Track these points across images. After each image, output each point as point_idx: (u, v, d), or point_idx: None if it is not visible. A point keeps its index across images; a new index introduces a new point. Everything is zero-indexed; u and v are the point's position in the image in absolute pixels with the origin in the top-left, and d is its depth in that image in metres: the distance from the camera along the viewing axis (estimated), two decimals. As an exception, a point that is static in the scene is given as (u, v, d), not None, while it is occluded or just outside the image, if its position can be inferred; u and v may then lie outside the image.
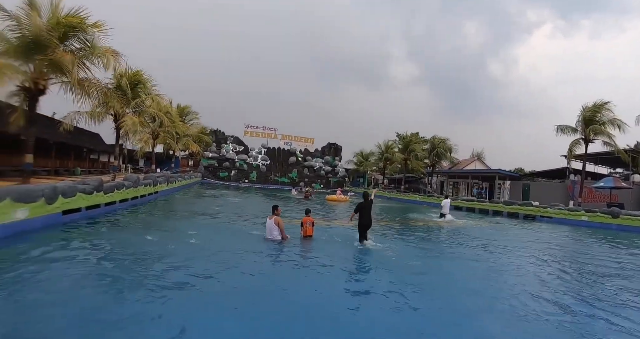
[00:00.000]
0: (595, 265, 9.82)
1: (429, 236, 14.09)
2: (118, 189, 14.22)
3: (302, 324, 4.64)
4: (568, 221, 22.18)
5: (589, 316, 5.56)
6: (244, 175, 51.96)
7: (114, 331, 3.99)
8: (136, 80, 19.21)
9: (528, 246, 12.49)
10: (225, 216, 14.89)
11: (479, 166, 52.57)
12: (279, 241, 9.75)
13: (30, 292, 4.95)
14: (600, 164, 40.35)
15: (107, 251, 7.57)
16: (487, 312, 5.61)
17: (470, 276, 7.93)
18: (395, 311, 5.28)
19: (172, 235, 9.83)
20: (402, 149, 46.24)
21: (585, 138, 27.31)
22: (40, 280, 5.43)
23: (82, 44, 12.68)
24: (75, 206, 10.97)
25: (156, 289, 5.33)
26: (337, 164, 57.51)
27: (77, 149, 29.14)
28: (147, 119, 23.67)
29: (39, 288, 5.13)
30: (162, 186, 21.75)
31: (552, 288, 7.09)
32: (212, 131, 52.38)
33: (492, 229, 17.30)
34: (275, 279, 6.59)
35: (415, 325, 4.89)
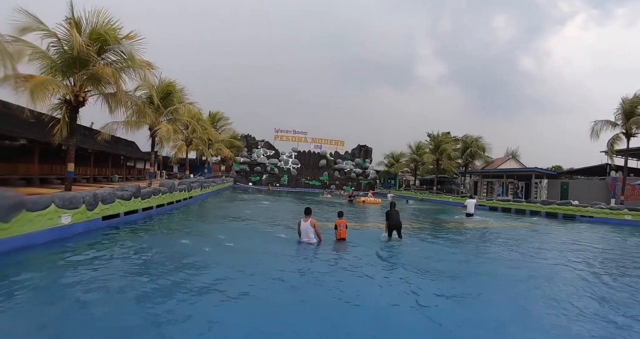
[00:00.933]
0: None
1: (461, 239, 13.81)
2: (154, 195, 14.71)
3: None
4: (610, 221, 21.23)
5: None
6: (275, 179, 52.56)
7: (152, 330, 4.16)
8: (169, 90, 19.85)
9: (563, 248, 12.06)
10: (258, 220, 15.11)
11: (514, 164, 51.01)
12: (315, 243, 9.73)
13: (76, 292, 5.22)
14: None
15: (144, 254, 7.86)
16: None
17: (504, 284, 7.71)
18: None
19: (206, 239, 10.05)
20: (433, 149, 45.55)
21: (627, 132, 25.99)
22: (83, 281, 5.72)
23: (117, 56, 13.19)
24: (114, 211, 11.44)
25: (197, 292, 5.52)
26: (368, 166, 57.30)
27: (114, 157, 30.31)
28: (181, 127, 24.36)
29: (83, 288, 5.40)
30: (196, 191, 22.30)
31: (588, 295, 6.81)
32: (243, 136, 53.30)
33: (527, 230, 16.74)
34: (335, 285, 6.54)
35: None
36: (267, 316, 4.87)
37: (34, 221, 7.79)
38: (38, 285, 5.51)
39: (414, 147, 50.47)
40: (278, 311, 5.08)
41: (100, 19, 12.44)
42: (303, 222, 9.91)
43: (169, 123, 19.59)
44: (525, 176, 40.10)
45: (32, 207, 7.77)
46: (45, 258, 7.13)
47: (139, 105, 15.88)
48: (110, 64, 13.12)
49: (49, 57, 12.17)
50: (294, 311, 5.11)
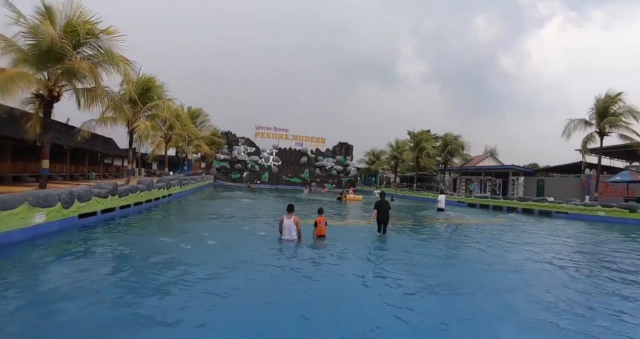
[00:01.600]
0: (613, 261, 9.69)
1: (441, 235, 14.04)
2: (132, 193, 14.43)
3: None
4: (584, 217, 21.91)
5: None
6: (256, 176, 52.28)
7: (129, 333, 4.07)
8: (148, 86, 19.47)
9: (538, 243, 12.37)
10: (238, 217, 15.01)
11: (492, 162, 52.04)
12: (295, 240, 9.71)
13: (50, 294, 5.07)
14: (617, 158, 39.57)
15: (121, 253, 7.69)
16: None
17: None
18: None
19: (185, 237, 9.91)
20: (413, 147, 46.09)
21: (600, 131, 26.75)
22: (58, 282, 5.56)
23: (94, 50, 12.85)
24: (91, 209, 11.17)
25: (175, 291, 5.44)
26: (349, 164, 57.49)
27: (91, 154, 29.59)
28: (159, 123, 23.94)
29: (59, 289, 5.24)
30: (175, 188, 21.99)
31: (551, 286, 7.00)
32: (224, 133, 52.73)
33: (503, 226, 17.11)
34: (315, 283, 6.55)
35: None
36: (247, 314, 4.83)
37: (4, 220, 7.53)
38: (9, 286, 5.31)
39: (394, 145, 50.91)
40: (257, 309, 5.03)
41: (74, 11, 12.08)
42: (286, 219, 9.84)
43: (147, 119, 19.24)
44: (502, 173, 41.00)
45: (2, 207, 7.52)
46: (18, 258, 6.88)
47: (115, 101, 15.52)
48: (87, 58, 12.78)
49: (20, 49, 11.77)
50: (274, 310, 5.06)
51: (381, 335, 4.45)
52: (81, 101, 13.56)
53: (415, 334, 4.52)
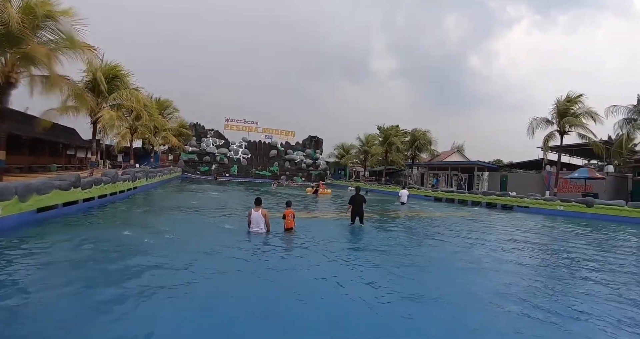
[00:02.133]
0: (568, 252, 10.19)
1: (407, 227, 14.30)
2: (96, 185, 13.98)
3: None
4: (544, 211, 22.81)
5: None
6: (224, 169, 51.62)
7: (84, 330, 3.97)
8: (113, 74, 18.72)
9: (499, 235, 12.85)
10: (206, 211, 14.80)
11: (459, 158, 53.39)
12: (264, 233, 9.76)
13: (4, 292, 4.87)
14: (576, 156, 41.32)
15: (82, 248, 7.41)
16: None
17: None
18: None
19: (150, 230, 9.67)
20: (382, 141, 46.62)
21: (560, 130, 27.97)
22: (13, 279, 5.35)
23: (55, 35, 12.23)
24: (51, 202, 10.72)
25: (138, 287, 5.29)
26: (319, 157, 57.62)
27: (52, 144, 28.35)
28: (125, 113, 23.19)
29: (14, 288, 5.05)
30: (141, 181, 21.44)
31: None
32: (192, 125, 51.69)
33: (467, 219, 17.64)
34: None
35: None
36: (209, 307, 4.80)
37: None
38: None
39: (363, 139, 51.33)
40: (219, 302, 5.02)
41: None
42: (254, 212, 9.88)
43: (112, 109, 18.54)
44: (468, 168, 42.16)
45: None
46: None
47: (75, 89, 14.89)
48: (46, 43, 12.15)
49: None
50: (237, 302, 5.05)
51: (342, 325, 4.53)
52: (37, 89, 12.90)
53: (375, 323, 4.63)
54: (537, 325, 4.76)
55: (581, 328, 4.76)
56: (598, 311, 5.32)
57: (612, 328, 4.76)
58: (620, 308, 5.55)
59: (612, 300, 5.94)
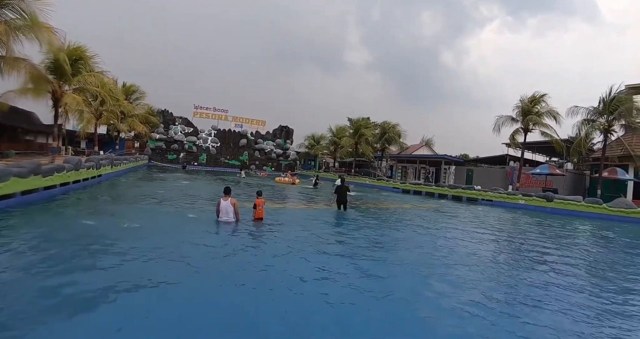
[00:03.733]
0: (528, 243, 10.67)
1: (375, 217, 14.56)
2: (58, 172, 13.41)
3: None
4: (507, 204, 23.87)
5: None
6: (193, 157, 50.67)
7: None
8: (77, 56, 17.86)
9: (464, 226, 13.29)
10: (172, 200, 14.52)
11: (427, 151, 54.51)
12: (233, 222, 9.76)
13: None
14: (538, 153, 43.00)
15: (42, 239, 7.07)
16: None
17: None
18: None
19: (114, 220, 9.45)
20: (352, 133, 46.93)
21: (525, 128, 29.10)
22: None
23: (16, 14, 11.58)
24: (8, 191, 10.19)
25: (101, 280, 5.20)
26: (289, 147, 57.42)
27: (10, 129, 27.03)
28: (89, 98, 22.29)
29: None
30: (106, 169, 20.76)
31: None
32: (160, 112, 50.20)
33: (433, 211, 18.12)
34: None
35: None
36: (170, 297, 4.76)
37: None
38: None
39: (334, 130, 51.47)
40: (182, 292, 4.97)
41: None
42: (223, 201, 9.88)
43: (75, 93, 17.72)
44: (435, 162, 43.16)
45: None
46: None
47: (33, 71, 14.17)
48: (6, 21, 11.48)
49: None
50: (201, 292, 5.04)
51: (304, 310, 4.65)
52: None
53: (337, 311, 4.72)
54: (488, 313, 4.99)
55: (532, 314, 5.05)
56: (548, 298, 5.71)
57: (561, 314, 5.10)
58: (569, 295, 5.98)
59: (562, 287, 6.35)
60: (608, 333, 4.62)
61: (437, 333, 4.35)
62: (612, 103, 24.46)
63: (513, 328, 4.56)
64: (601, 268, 8.33)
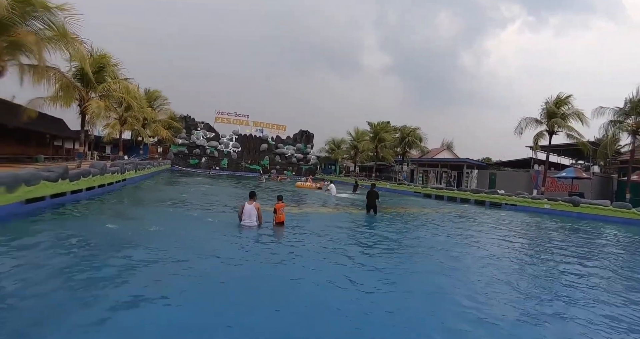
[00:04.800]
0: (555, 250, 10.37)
1: (398, 222, 14.43)
2: (84, 177, 13.78)
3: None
4: (531, 209, 23.25)
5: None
6: (215, 162, 51.30)
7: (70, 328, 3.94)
8: (101, 63, 18.41)
9: (489, 231, 13.02)
10: (196, 204, 14.71)
11: (448, 155, 53.87)
12: (254, 226, 9.86)
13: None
14: (564, 156, 41.88)
15: (71, 240, 7.30)
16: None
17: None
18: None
19: (139, 224, 9.62)
20: (372, 137, 46.74)
21: (549, 130, 28.36)
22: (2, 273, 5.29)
23: (45, 25, 12.00)
24: (39, 194, 10.56)
25: (126, 281, 5.31)
26: (309, 152, 57.52)
27: (39, 135, 27.86)
28: (114, 104, 22.87)
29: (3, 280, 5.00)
30: (130, 173, 21.21)
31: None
32: (182, 117, 51.17)
33: (457, 216, 17.84)
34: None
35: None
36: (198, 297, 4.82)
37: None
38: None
39: (354, 134, 51.36)
40: (210, 293, 5.04)
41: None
42: (247, 205, 10.02)
43: (101, 99, 18.23)
44: (457, 166, 42.51)
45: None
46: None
47: (63, 79, 14.64)
48: (36, 32, 11.92)
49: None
50: (225, 293, 5.10)
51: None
52: (27, 78, 12.72)
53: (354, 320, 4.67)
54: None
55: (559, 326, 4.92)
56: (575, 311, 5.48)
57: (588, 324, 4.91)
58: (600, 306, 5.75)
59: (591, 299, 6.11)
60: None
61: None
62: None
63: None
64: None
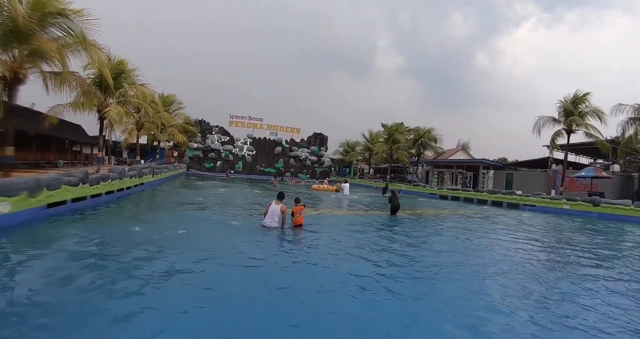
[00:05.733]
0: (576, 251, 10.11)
1: (414, 225, 14.25)
2: (104, 181, 13.96)
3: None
4: (550, 209, 22.79)
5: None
6: (229, 166, 51.57)
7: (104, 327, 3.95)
8: (119, 70, 18.69)
9: (506, 232, 12.77)
10: (214, 207, 14.77)
11: (463, 155, 53.30)
12: (275, 227, 9.95)
13: (20, 288, 4.86)
14: (582, 155, 41.05)
15: (95, 244, 7.45)
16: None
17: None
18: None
19: (160, 227, 9.67)
20: (386, 139, 46.48)
21: (567, 129, 27.76)
22: (27, 274, 5.36)
23: (64, 32, 12.20)
24: (60, 198, 10.73)
25: (150, 283, 5.30)
26: (323, 154, 57.42)
27: (58, 141, 28.43)
28: (131, 110, 23.15)
29: (27, 283, 5.04)
30: (147, 177, 21.44)
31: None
32: (197, 122, 51.56)
33: (476, 217, 17.55)
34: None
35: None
36: (226, 307, 4.80)
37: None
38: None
39: (368, 136, 51.20)
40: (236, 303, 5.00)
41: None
42: (274, 204, 10.15)
43: (119, 105, 18.49)
44: (473, 166, 41.99)
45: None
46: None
47: (84, 85, 14.89)
48: (56, 40, 12.13)
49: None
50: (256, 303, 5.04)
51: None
52: (49, 85, 12.95)
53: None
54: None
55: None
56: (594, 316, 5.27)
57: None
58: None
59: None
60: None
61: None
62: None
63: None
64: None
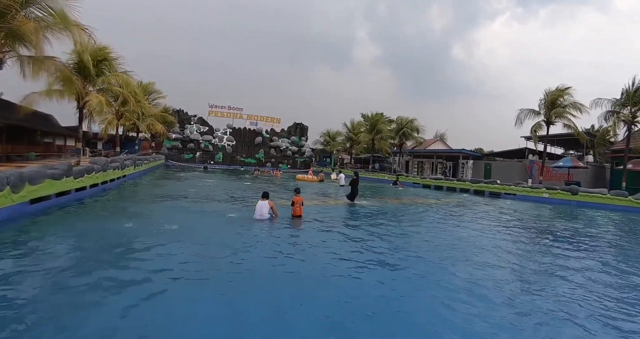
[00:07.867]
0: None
1: (402, 213, 14.20)
2: (88, 174, 13.25)
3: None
4: (530, 198, 23.67)
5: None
6: (209, 156, 50.57)
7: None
8: (101, 56, 17.65)
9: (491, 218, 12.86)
10: (200, 198, 14.31)
11: (441, 145, 53.94)
12: (267, 219, 10.00)
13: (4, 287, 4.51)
14: (556, 145, 42.19)
15: (83, 241, 7.01)
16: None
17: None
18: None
19: (151, 221, 9.32)
20: (369, 129, 46.37)
21: (547, 120, 28.50)
22: (12, 276, 4.92)
23: (44, 12, 11.33)
24: (44, 193, 10.06)
25: (151, 278, 5.07)
26: (304, 144, 57.08)
27: (29, 132, 27.07)
28: (110, 99, 22.13)
29: (10, 284, 4.67)
30: (129, 169, 20.65)
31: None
32: (175, 111, 50.06)
33: (459, 206, 17.69)
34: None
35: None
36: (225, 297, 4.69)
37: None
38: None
39: (350, 126, 51.01)
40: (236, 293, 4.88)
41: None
42: (260, 202, 10.20)
43: (99, 93, 17.50)
44: (453, 156, 42.53)
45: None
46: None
47: (64, 72, 14.02)
48: (34, 20, 11.22)
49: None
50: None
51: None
52: (25, 71, 12.07)
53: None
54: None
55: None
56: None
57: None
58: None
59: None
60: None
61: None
62: (635, 94, 24.29)
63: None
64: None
